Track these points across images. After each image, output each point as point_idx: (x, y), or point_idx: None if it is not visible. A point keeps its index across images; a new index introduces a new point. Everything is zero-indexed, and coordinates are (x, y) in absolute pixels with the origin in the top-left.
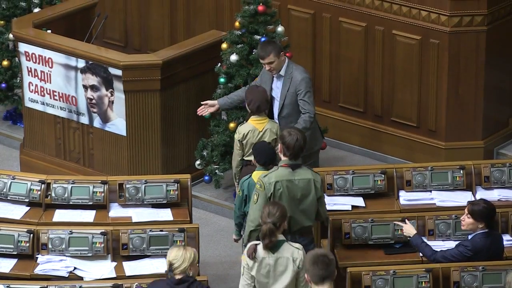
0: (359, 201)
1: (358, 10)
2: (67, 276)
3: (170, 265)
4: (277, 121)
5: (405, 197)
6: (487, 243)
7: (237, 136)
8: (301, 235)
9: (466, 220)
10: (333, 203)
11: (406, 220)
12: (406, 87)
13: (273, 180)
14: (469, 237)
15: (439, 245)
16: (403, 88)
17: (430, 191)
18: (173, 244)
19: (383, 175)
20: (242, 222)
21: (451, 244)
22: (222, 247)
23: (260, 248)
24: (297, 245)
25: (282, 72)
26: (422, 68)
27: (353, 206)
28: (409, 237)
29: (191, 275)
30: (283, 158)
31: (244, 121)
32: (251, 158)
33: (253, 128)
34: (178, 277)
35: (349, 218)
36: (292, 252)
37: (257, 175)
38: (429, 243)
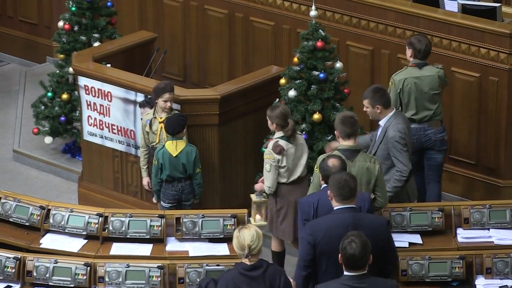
0: (417, 238)
1: None
2: None
3: (249, 249)
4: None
5: (463, 235)
6: None
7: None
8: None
9: None
10: None
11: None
12: (464, 124)
13: (402, 77)
14: None
15: (496, 283)
16: (461, 125)
17: (488, 229)
18: None
19: (440, 213)
20: (160, 189)
21: (509, 283)
22: None
23: (281, 143)
24: (299, 132)
25: (381, 123)
26: (481, 105)
27: (410, 243)
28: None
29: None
30: (411, 60)
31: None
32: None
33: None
34: (250, 262)
35: (406, 255)
36: (302, 139)
37: (169, 145)
38: (487, 281)
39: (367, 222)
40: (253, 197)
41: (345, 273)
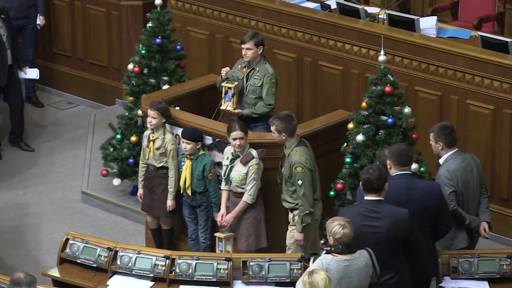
0: (484, 285)
1: (486, 93)
2: None
3: None
4: None
5: None
6: None
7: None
8: None
9: None
10: (458, 286)
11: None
12: None
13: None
14: None
15: None
16: None
17: None
18: None
19: (509, 260)
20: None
21: None
22: None
23: (252, 151)
24: None
25: (441, 161)
26: None
27: None
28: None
29: None
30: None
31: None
32: None
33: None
34: None
35: None
36: None
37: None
38: None
39: (420, 184)
40: (221, 234)
41: (365, 198)
